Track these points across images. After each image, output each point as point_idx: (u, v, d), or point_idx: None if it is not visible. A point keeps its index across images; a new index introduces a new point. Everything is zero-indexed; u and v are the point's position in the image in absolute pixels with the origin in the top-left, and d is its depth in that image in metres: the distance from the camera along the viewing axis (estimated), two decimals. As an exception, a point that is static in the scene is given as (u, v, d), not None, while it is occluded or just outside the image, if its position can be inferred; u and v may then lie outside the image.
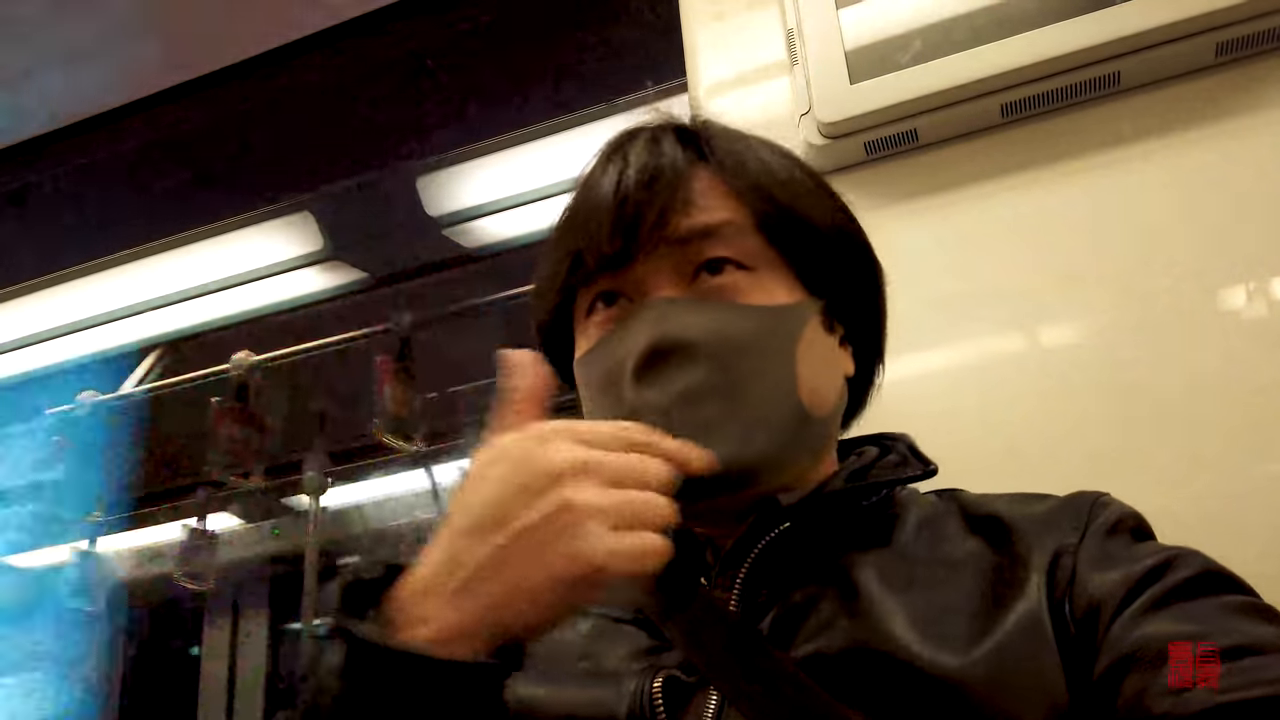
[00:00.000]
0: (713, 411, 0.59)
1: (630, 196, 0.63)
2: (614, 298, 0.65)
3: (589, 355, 0.65)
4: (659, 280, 0.63)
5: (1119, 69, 0.96)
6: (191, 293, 2.22)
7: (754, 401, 0.61)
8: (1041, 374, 0.95)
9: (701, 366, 0.60)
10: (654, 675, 0.58)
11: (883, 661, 0.53)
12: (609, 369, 0.62)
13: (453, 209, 1.99)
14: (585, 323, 0.66)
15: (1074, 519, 0.59)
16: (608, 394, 0.63)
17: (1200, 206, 0.93)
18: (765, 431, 0.61)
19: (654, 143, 0.66)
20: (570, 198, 0.68)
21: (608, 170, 0.65)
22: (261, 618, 3.42)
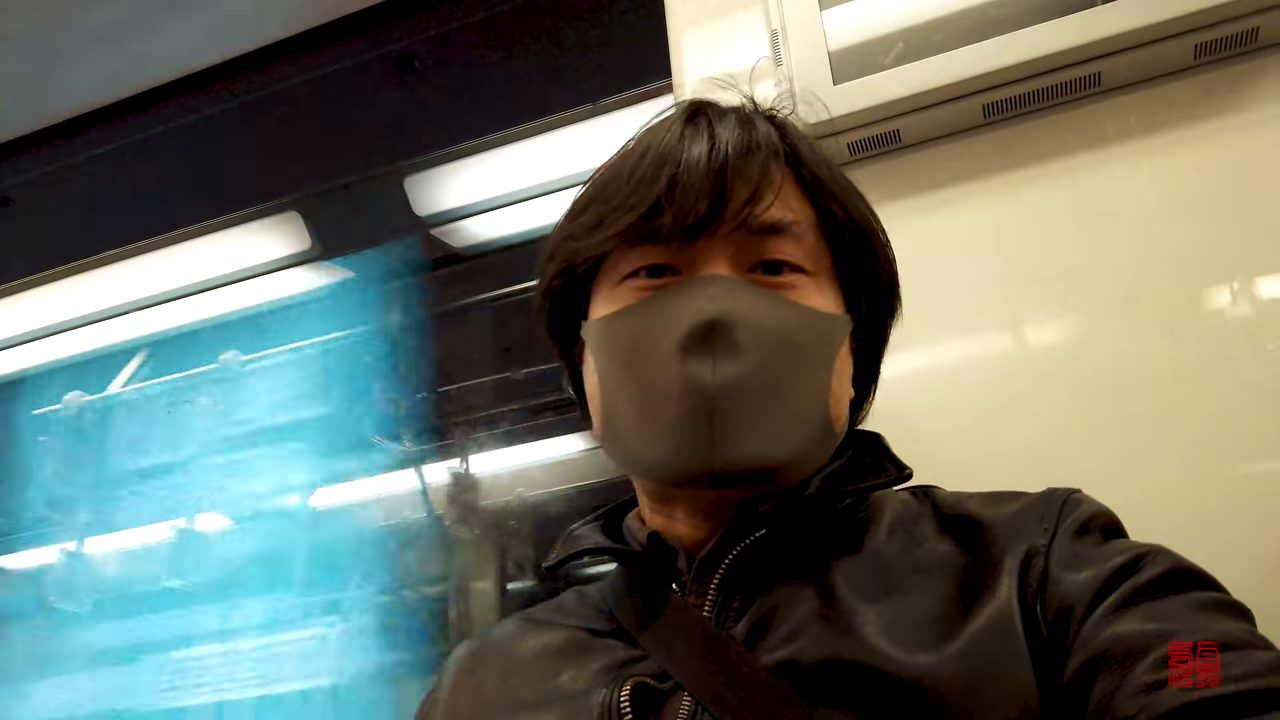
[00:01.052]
0: (755, 403, 0.58)
1: (727, 166, 0.60)
2: (663, 271, 0.62)
3: (621, 315, 0.63)
4: (720, 261, 0.61)
5: (1100, 70, 0.96)
6: (178, 293, 2.21)
7: (792, 404, 0.60)
8: (1024, 373, 0.96)
9: (754, 356, 0.58)
10: (622, 684, 0.58)
11: (854, 667, 0.54)
12: (649, 333, 0.60)
13: (440, 209, 1.99)
14: (617, 286, 0.64)
15: (1045, 519, 0.59)
16: (639, 359, 0.61)
17: (1181, 206, 0.94)
18: (796, 435, 0.61)
19: (748, 121, 0.64)
20: (633, 153, 0.64)
21: (694, 134, 0.62)
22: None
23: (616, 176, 0.64)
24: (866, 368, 0.71)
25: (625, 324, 0.62)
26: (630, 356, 0.61)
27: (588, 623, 0.67)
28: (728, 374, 0.58)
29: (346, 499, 2.50)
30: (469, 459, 2.44)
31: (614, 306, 0.63)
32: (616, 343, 0.63)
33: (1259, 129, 0.93)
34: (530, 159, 1.83)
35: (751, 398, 0.58)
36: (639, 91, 1.52)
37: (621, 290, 0.63)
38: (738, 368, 0.58)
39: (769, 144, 0.63)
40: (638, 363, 0.61)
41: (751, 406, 0.58)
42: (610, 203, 0.63)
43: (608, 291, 0.65)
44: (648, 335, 0.60)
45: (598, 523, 0.72)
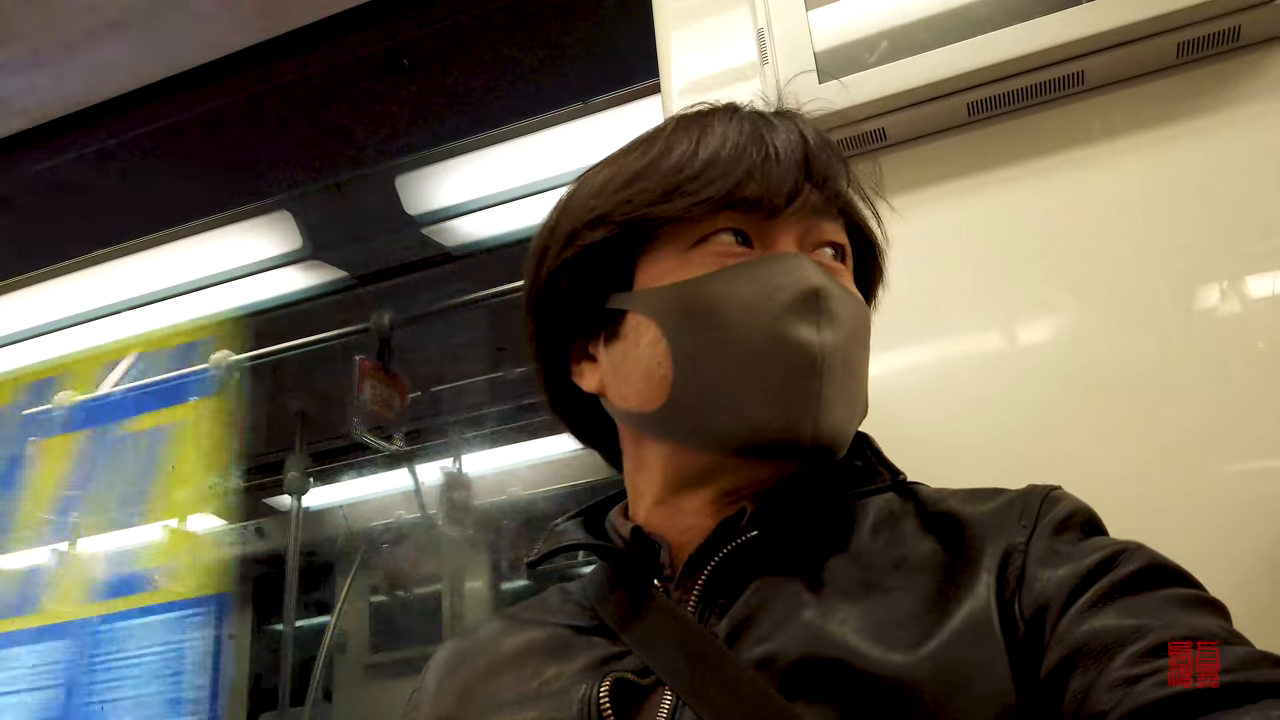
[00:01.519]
0: (844, 375, 0.62)
1: (815, 151, 0.64)
2: (748, 239, 0.64)
3: (716, 276, 0.62)
4: (789, 239, 0.64)
5: (1083, 68, 0.97)
6: (169, 292, 2.21)
7: (859, 382, 0.65)
8: (1008, 371, 0.96)
9: (845, 328, 0.62)
10: (602, 679, 0.58)
11: (833, 664, 0.54)
12: (755, 293, 0.61)
13: (431, 208, 1.99)
14: (689, 250, 0.63)
15: (1024, 516, 0.59)
16: (745, 316, 0.61)
17: (1164, 204, 0.94)
18: (857, 414, 0.65)
19: (805, 122, 0.68)
20: (687, 136, 0.65)
21: (769, 126, 0.65)
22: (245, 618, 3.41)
23: (685, 152, 0.64)
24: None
25: (724, 285, 0.62)
26: (732, 316, 0.61)
27: (570, 620, 0.67)
28: (831, 340, 0.60)
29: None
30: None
31: (691, 271, 0.63)
32: (710, 304, 0.61)
33: (1241, 127, 0.93)
34: (521, 158, 1.84)
35: (843, 368, 0.61)
36: (628, 91, 1.52)
37: (697, 255, 0.63)
38: (836, 336, 0.61)
39: (826, 141, 0.68)
40: (740, 323, 0.60)
41: (842, 377, 0.61)
42: (681, 174, 0.63)
43: (675, 258, 0.63)
44: (753, 295, 0.61)
45: (579, 519, 0.72)
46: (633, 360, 0.65)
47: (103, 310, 2.21)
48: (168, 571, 2.02)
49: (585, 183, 0.69)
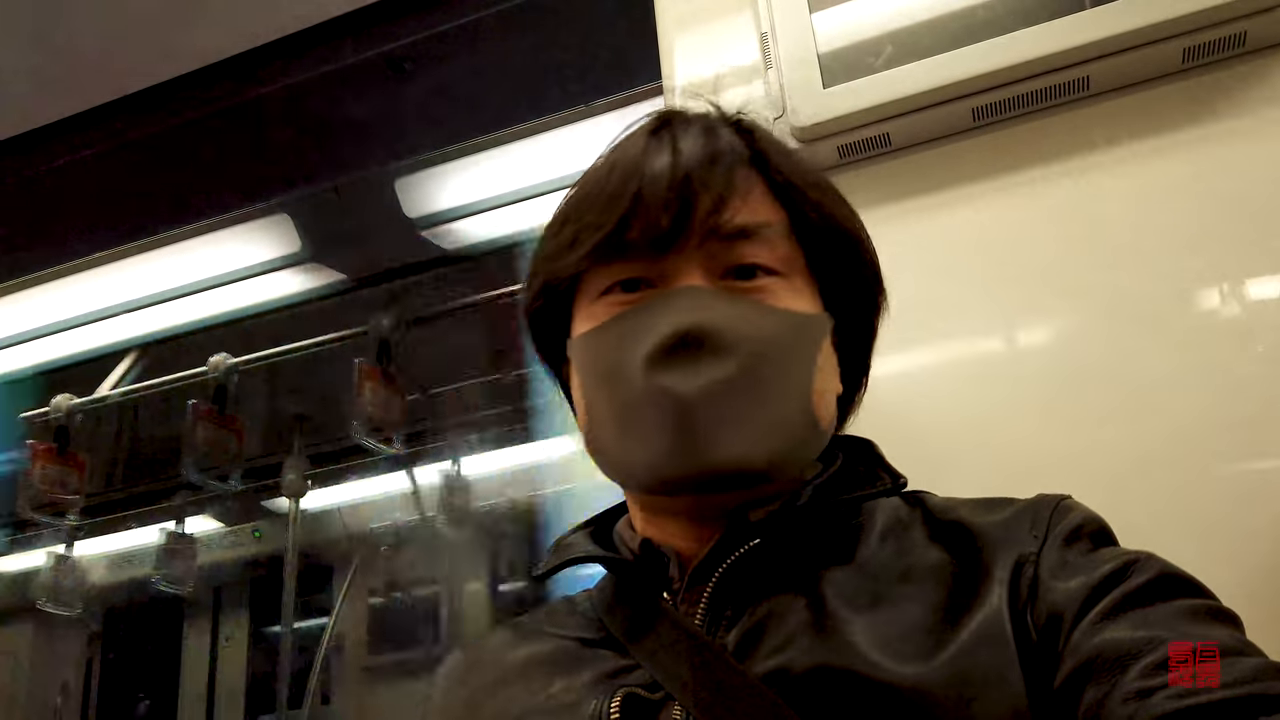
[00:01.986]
0: (735, 407, 0.59)
1: (690, 177, 0.61)
2: (637, 285, 0.63)
3: (599, 331, 0.63)
4: (692, 272, 0.62)
5: (1088, 74, 0.96)
6: (167, 295, 2.20)
7: (774, 404, 0.61)
8: (1012, 375, 0.96)
9: (730, 360, 0.59)
10: (613, 694, 0.57)
11: (845, 676, 0.53)
12: (625, 347, 0.61)
13: (430, 211, 1.98)
14: (595, 302, 0.64)
15: (1035, 526, 0.59)
16: (617, 372, 0.61)
17: (1169, 209, 0.94)
18: (780, 434, 0.61)
19: (711, 129, 0.65)
20: (603, 168, 0.65)
21: (657, 147, 0.63)
22: (242, 621, 3.40)
23: (588, 194, 0.65)
24: (854, 364, 0.71)
25: (601, 340, 0.63)
26: (608, 372, 0.62)
27: (578, 632, 0.66)
28: (702, 382, 0.58)
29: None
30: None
31: (592, 323, 0.64)
32: (595, 359, 0.64)
33: (1247, 133, 0.93)
34: (521, 161, 1.83)
35: (730, 401, 0.59)
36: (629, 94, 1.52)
37: (599, 306, 0.64)
38: (713, 374, 0.58)
39: (732, 151, 0.64)
40: (614, 378, 0.62)
41: (731, 410, 0.59)
42: (582, 221, 0.64)
43: (587, 308, 0.65)
44: (622, 350, 0.61)
45: (588, 529, 0.71)
46: (575, 400, 0.68)
47: (100, 314, 2.21)
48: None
49: (551, 216, 0.70)
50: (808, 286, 0.65)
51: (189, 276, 2.16)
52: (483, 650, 0.70)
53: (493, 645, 0.70)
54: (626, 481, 0.65)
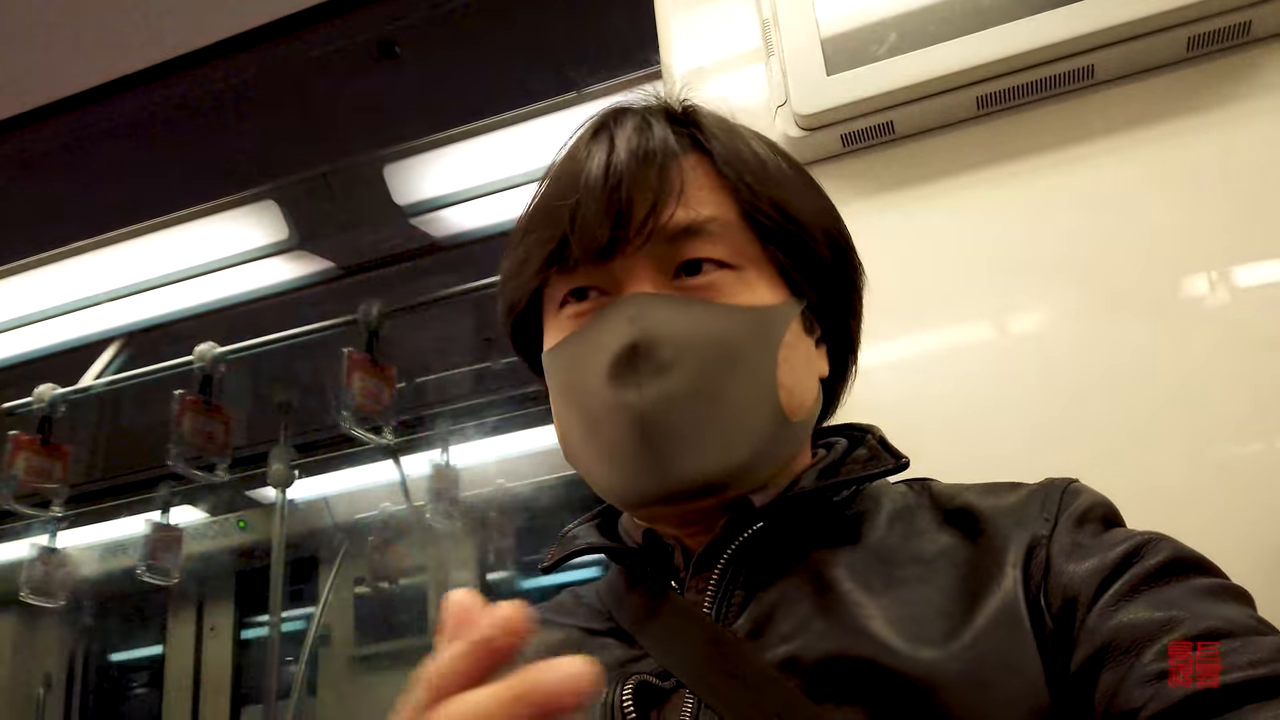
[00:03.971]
0: (691, 418, 0.58)
1: (623, 182, 0.59)
2: (586, 293, 0.62)
3: (558, 349, 0.63)
4: (640, 275, 0.60)
5: (1093, 62, 0.96)
6: (152, 283, 2.17)
7: (733, 407, 0.59)
8: (1014, 363, 0.96)
9: (681, 370, 0.58)
10: (624, 682, 0.57)
11: (861, 663, 0.53)
12: (580, 365, 0.60)
13: (420, 198, 1.96)
14: (557, 314, 0.64)
15: (1045, 509, 0.58)
16: (577, 391, 0.61)
17: (1173, 198, 0.94)
18: (743, 438, 0.60)
19: (645, 125, 0.63)
20: (550, 177, 0.64)
21: (594, 151, 0.61)
22: (228, 611, 3.38)
23: (537, 207, 0.64)
24: (839, 345, 0.70)
25: (562, 357, 0.63)
26: (570, 388, 0.62)
27: (585, 622, 0.66)
28: (655, 394, 0.57)
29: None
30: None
31: (558, 336, 0.64)
32: (558, 375, 0.64)
33: (1251, 122, 0.93)
34: (514, 147, 1.81)
35: (685, 412, 0.57)
36: (627, 79, 1.50)
37: (561, 320, 0.64)
38: (665, 385, 0.57)
39: (665, 147, 0.62)
40: (575, 394, 0.61)
41: (687, 421, 0.58)
42: (530, 236, 0.63)
43: (552, 322, 0.65)
44: (580, 367, 0.61)
45: (593, 522, 0.71)
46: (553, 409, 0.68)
47: (85, 301, 2.17)
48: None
49: (511, 232, 0.68)
50: (764, 276, 0.63)
51: (174, 264, 2.13)
52: None
53: None
54: (602, 494, 0.65)
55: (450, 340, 2.62)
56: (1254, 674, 0.45)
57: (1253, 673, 0.45)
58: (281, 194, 2.02)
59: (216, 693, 3.25)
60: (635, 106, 0.66)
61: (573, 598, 0.71)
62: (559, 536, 0.70)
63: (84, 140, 1.97)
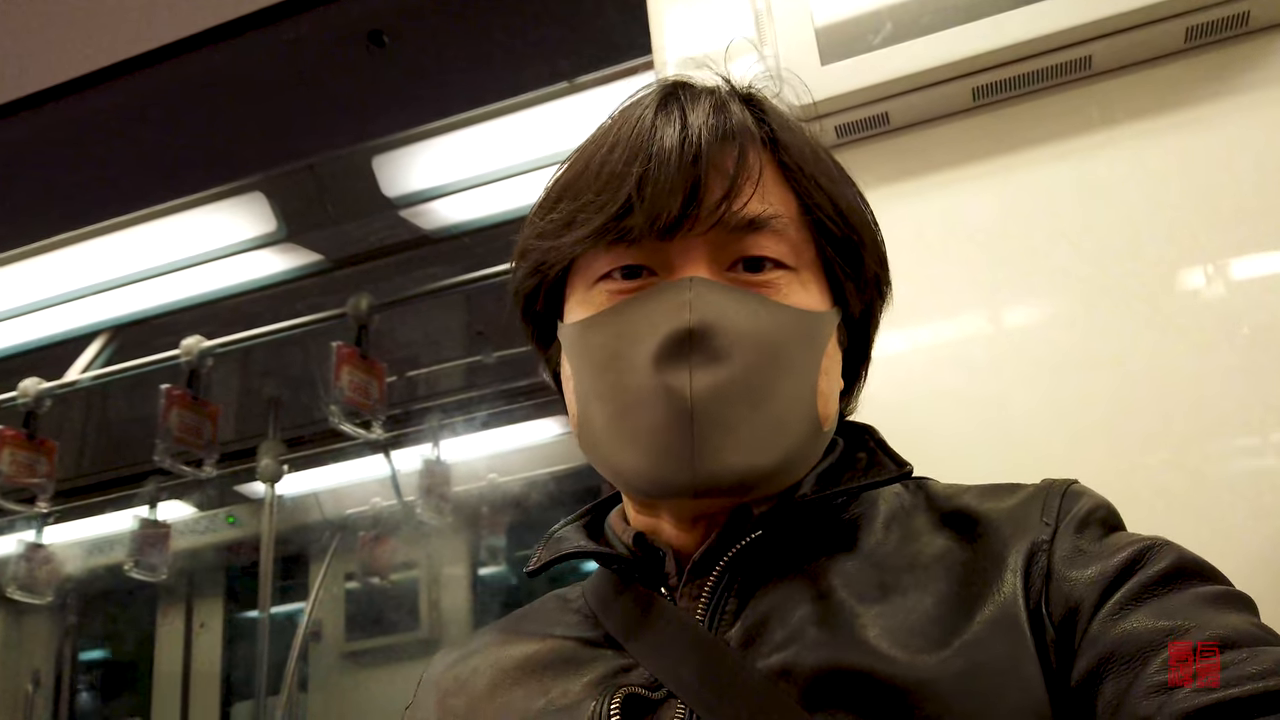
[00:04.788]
0: (737, 412, 0.56)
1: (701, 157, 0.57)
2: (639, 272, 0.59)
3: (596, 321, 0.59)
4: (696, 259, 0.58)
5: (1090, 53, 0.95)
6: (139, 276, 2.15)
7: (777, 408, 0.58)
8: (1010, 357, 0.95)
9: (735, 362, 0.56)
10: (612, 694, 0.55)
11: (854, 672, 0.52)
12: (623, 341, 0.57)
13: (409, 190, 1.94)
14: (592, 288, 0.60)
15: (1045, 512, 0.57)
16: (614, 368, 0.58)
17: (1170, 189, 0.93)
18: (781, 440, 0.58)
19: (722, 104, 0.60)
20: (605, 141, 0.60)
21: (665, 120, 0.58)
22: (217, 607, 3.36)
23: (587, 169, 0.60)
24: (856, 356, 0.69)
25: (600, 330, 0.59)
26: (606, 365, 0.58)
27: (574, 631, 0.64)
28: (706, 383, 0.55)
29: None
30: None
31: (589, 310, 0.60)
32: (591, 350, 0.60)
33: (1249, 113, 0.92)
34: (504, 138, 1.80)
35: (732, 406, 0.56)
36: (618, 69, 1.49)
37: (596, 293, 0.60)
38: (717, 376, 0.55)
39: (744, 130, 0.59)
40: (613, 372, 0.58)
41: (733, 415, 0.56)
42: (579, 199, 0.59)
43: (582, 293, 0.61)
44: (623, 343, 0.57)
45: (580, 522, 0.69)
46: (566, 387, 0.65)
47: (71, 294, 2.15)
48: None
49: (544, 189, 0.65)
50: (815, 280, 0.62)
51: (161, 256, 2.11)
52: (472, 653, 0.67)
53: (482, 646, 0.67)
54: (618, 480, 0.62)
55: (441, 334, 2.61)
56: (1261, 686, 0.44)
57: (1261, 685, 0.45)
58: (269, 185, 2.00)
59: (206, 689, 3.23)
60: (702, 84, 0.63)
61: (559, 602, 0.69)
62: (546, 537, 0.69)
63: (69, 131, 1.95)
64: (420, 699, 0.68)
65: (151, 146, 1.99)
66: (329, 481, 2.99)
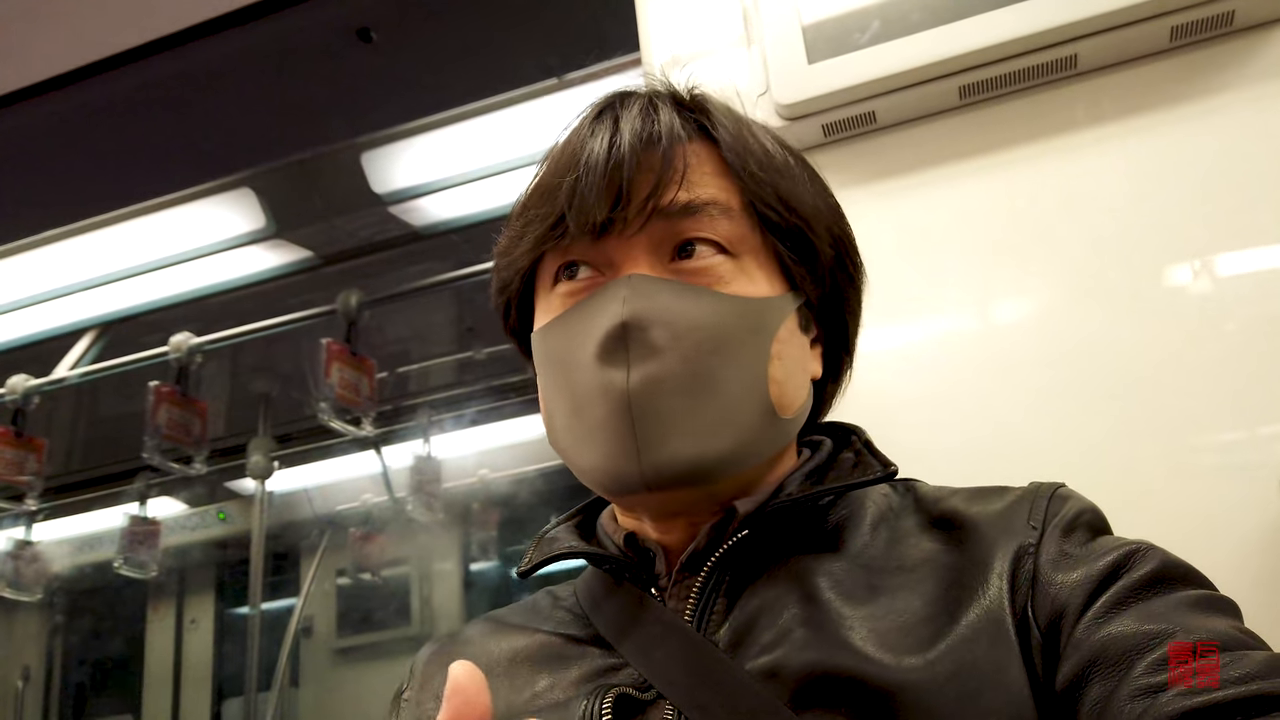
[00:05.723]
0: (677, 403, 0.57)
1: (625, 161, 0.59)
2: (577, 270, 0.61)
3: (550, 327, 0.62)
4: (636, 256, 0.60)
5: (1076, 52, 0.95)
6: (128, 272, 2.14)
7: (721, 397, 0.58)
8: (996, 355, 0.95)
9: (671, 353, 0.57)
10: (604, 695, 0.56)
11: (841, 673, 0.52)
12: (571, 344, 0.59)
13: (398, 186, 1.94)
14: (550, 293, 0.63)
15: (1032, 516, 0.58)
16: (566, 370, 0.60)
17: (1156, 188, 0.93)
18: (729, 429, 0.58)
19: (650, 108, 0.62)
20: (550, 158, 0.63)
21: (597, 131, 0.61)
22: (208, 604, 3.36)
23: (536, 186, 0.64)
24: (835, 344, 0.69)
25: (550, 339, 0.62)
26: (558, 368, 0.61)
27: (563, 628, 0.64)
28: (642, 377, 0.56)
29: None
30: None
31: (548, 316, 0.63)
32: (547, 354, 0.62)
33: (1234, 111, 0.93)
34: (493, 135, 1.79)
35: (672, 398, 0.57)
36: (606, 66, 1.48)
37: (553, 298, 0.63)
38: (653, 369, 0.56)
39: (671, 131, 0.61)
40: (564, 374, 0.60)
41: (673, 407, 0.57)
42: (525, 216, 0.63)
43: (543, 300, 0.64)
44: (572, 345, 0.60)
45: (571, 522, 0.69)
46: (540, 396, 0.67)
47: (59, 290, 2.14)
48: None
49: (510, 211, 0.68)
50: (763, 268, 0.62)
51: (150, 252, 2.10)
52: (460, 643, 0.68)
53: (470, 638, 0.68)
54: (583, 479, 0.63)
55: (431, 330, 2.60)
56: (1244, 690, 0.45)
57: (1243, 689, 0.45)
58: (258, 181, 1.99)
59: (197, 685, 3.22)
60: (641, 91, 0.65)
61: (550, 599, 0.69)
62: (538, 537, 0.69)
63: (56, 126, 1.94)
64: (411, 683, 0.68)
65: (140, 142, 1.98)
66: (320, 478, 2.98)
